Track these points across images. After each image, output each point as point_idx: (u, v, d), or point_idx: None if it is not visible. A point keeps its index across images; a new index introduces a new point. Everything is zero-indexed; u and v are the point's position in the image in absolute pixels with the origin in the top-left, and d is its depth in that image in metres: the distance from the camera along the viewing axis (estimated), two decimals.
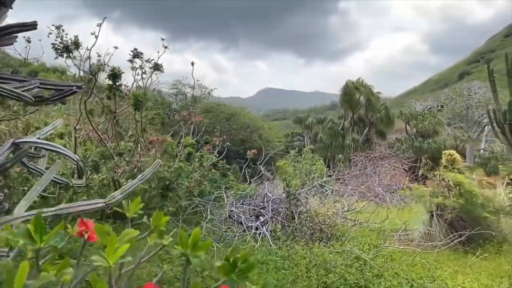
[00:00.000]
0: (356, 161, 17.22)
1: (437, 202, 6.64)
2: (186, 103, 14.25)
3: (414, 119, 24.76)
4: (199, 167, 9.10)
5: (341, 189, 9.44)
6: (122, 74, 7.32)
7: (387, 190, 12.77)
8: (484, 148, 34.23)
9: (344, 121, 23.60)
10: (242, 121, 27.50)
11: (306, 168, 14.16)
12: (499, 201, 6.84)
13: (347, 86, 22.97)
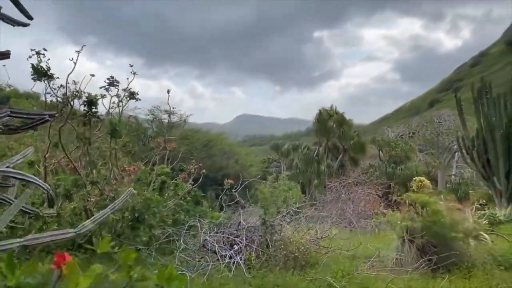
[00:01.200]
0: (330, 187, 17.41)
1: (406, 225, 6.78)
2: (162, 129, 14.27)
3: (387, 146, 25.38)
4: (173, 195, 9.05)
5: (316, 215, 9.51)
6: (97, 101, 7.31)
7: (361, 216, 12.94)
8: (455, 174, 35.14)
9: (318, 148, 23.96)
10: (219, 147, 27.56)
11: (282, 194, 14.23)
12: (468, 226, 7.04)
13: (321, 113, 23.45)
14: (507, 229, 9.17)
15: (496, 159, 15.14)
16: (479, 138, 15.94)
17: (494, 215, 10.39)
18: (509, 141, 14.98)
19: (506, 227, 9.51)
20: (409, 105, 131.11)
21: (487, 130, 15.54)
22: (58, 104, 7.49)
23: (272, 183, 15.44)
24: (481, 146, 15.79)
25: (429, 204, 6.45)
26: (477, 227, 7.45)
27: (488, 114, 15.63)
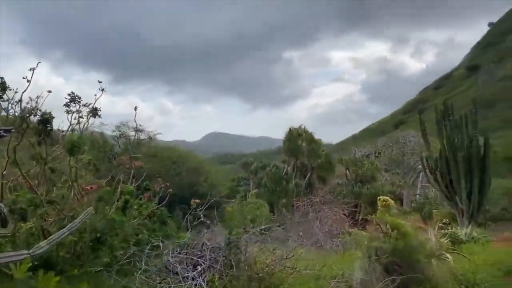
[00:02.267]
0: (298, 206, 17.43)
1: (375, 246, 6.80)
2: (128, 146, 13.99)
3: (354, 165, 25.78)
4: (137, 215, 8.81)
5: (283, 235, 9.46)
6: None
7: (328, 235, 12.97)
8: (420, 193, 35.95)
9: (287, 166, 24.10)
10: (188, 165, 27.22)
11: (251, 213, 14.15)
12: (431, 246, 7.14)
13: (290, 132, 23.66)
14: (468, 248, 9.39)
15: (458, 179, 15.55)
16: (442, 158, 16.37)
17: (456, 235, 10.62)
18: (470, 162, 15.45)
19: (467, 246, 9.74)
20: (376, 125, 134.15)
21: (450, 151, 15.98)
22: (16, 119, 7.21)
23: (240, 201, 15.34)
24: (444, 167, 16.20)
25: (400, 226, 6.50)
26: (440, 247, 7.57)
27: (451, 136, 16.10)
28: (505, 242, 13.37)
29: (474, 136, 15.81)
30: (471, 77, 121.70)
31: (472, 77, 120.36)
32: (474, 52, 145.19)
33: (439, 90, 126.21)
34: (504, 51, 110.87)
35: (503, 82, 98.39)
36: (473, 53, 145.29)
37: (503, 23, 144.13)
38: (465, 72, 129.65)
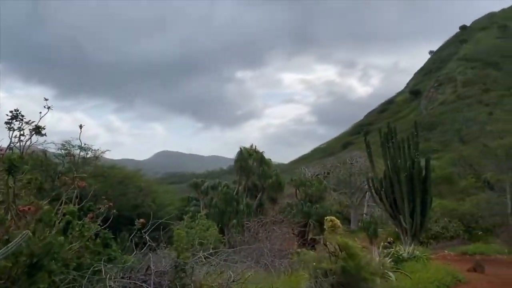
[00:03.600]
0: (249, 226, 17.39)
1: (322, 267, 6.87)
2: (71, 166, 13.39)
3: (303, 185, 26.18)
4: (79, 237, 8.38)
5: (232, 256, 9.34)
6: None
7: (278, 255, 12.98)
8: (366, 213, 37.03)
9: (238, 186, 24.07)
10: (135, 184, 26.44)
11: (199, 235, 13.91)
12: (375, 265, 7.33)
13: (241, 152, 23.72)
14: (409, 267, 9.71)
15: (401, 199, 16.17)
16: (387, 179, 16.97)
17: (398, 253, 10.98)
18: (412, 183, 16.13)
19: (409, 265, 10.07)
20: (325, 146, 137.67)
21: (393, 171, 16.61)
22: None
23: (189, 223, 15.06)
24: (388, 187, 16.80)
25: (348, 247, 6.62)
26: (383, 266, 7.79)
27: (394, 157, 16.74)
28: (445, 259, 14.02)
29: (416, 157, 16.55)
30: (414, 101, 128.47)
31: (415, 102, 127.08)
32: (417, 78, 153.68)
33: (383, 113, 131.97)
34: (443, 77, 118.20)
35: (442, 107, 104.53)
36: (416, 79, 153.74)
37: (442, 51, 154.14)
38: (408, 96, 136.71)
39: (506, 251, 15.58)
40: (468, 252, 15.74)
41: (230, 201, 22.38)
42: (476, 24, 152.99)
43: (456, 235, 20.30)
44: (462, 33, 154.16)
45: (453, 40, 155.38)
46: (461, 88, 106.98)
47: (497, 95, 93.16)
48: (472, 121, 43.81)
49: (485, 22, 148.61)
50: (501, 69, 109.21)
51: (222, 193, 22.88)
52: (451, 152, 36.98)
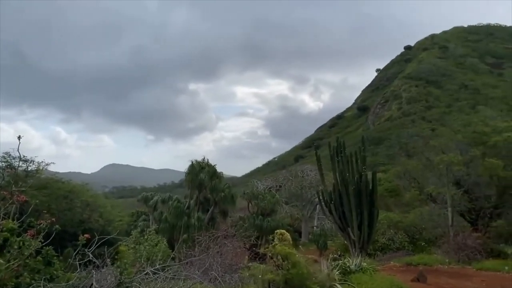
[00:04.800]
0: (200, 241, 17.09)
1: (268, 279, 6.89)
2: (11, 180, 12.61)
3: (256, 198, 26.22)
4: (18, 255, 7.89)
5: (181, 272, 9.14)
6: None
7: (229, 270, 12.84)
8: (317, 225, 37.63)
9: (189, 200, 23.72)
10: (81, 199, 25.33)
11: (148, 251, 13.54)
12: (322, 277, 7.44)
13: (192, 165, 23.44)
14: (357, 278, 9.92)
15: (350, 211, 16.56)
16: (336, 192, 17.34)
17: (346, 265, 11.21)
18: (360, 195, 16.59)
19: (356, 276, 10.29)
20: (278, 159, 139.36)
21: (342, 185, 17.02)
22: None
23: (137, 238, 14.61)
24: (338, 200, 17.17)
25: (290, 256, 6.70)
26: (330, 278, 7.92)
27: (343, 171, 17.17)
28: (391, 270, 14.46)
29: (363, 171, 17.07)
30: (362, 117, 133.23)
31: (362, 117, 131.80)
32: (364, 94, 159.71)
33: (333, 128, 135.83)
34: (389, 94, 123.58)
35: (388, 122, 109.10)
36: (363, 95, 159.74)
37: (388, 69, 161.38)
38: (356, 112, 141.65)
39: (447, 261, 16.31)
40: (412, 263, 16.33)
41: (181, 216, 21.95)
42: (419, 45, 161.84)
43: (401, 247, 21.02)
44: (407, 53, 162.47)
45: (398, 59, 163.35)
46: (406, 105, 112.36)
47: (439, 112, 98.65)
48: (416, 136, 46.04)
49: (428, 42, 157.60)
50: (442, 87, 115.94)
51: (172, 207, 22.41)
52: (397, 165, 38.46)
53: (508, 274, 13.37)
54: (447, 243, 18.06)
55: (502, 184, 25.55)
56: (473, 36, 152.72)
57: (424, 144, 31.39)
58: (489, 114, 66.51)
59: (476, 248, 16.30)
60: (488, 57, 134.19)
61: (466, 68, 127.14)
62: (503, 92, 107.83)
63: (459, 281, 11.86)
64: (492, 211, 26.08)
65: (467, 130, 30.31)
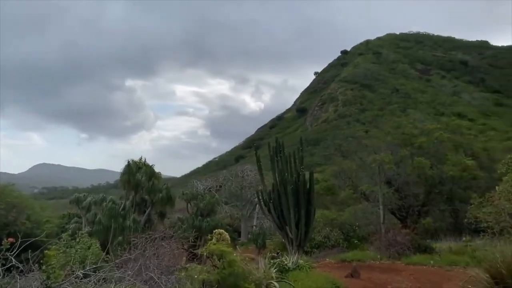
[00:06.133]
0: (136, 243, 16.57)
1: (202, 279, 6.80)
2: None
3: (195, 199, 25.93)
4: None
5: (114, 275, 8.77)
6: None
7: (166, 271, 12.53)
8: (256, 225, 37.96)
9: (125, 201, 22.91)
10: (6, 200, 23.64)
11: (80, 254, 12.87)
12: (259, 275, 7.46)
13: (129, 165, 22.66)
14: (293, 276, 10.08)
15: (288, 210, 16.81)
16: (275, 191, 17.53)
17: (283, 263, 11.36)
18: (298, 194, 16.90)
19: (293, 274, 10.45)
20: (218, 159, 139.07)
21: (281, 184, 17.24)
22: None
23: (68, 241, 13.83)
24: (276, 199, 17.37)
25: (225, 255, 6.65)
26: (267, 276, 7.96)
27: (282, 170, 17.39)
28: (326, 267, 14.88)
29: (301, 171, 17.43)
30: (300, 118, 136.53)
31: (301, 118, 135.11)
32: (303, 96, 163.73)
33: (273, 129, 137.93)
34: (326, 97, 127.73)
35: (325, 124, 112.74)
36: (302, 97, 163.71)
37: (326, 73, 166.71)
38: (296, 113, 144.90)
39: (378, 257, 17.04)
40: (347, 259, 16.88)
41: (116, 217, 21.11)
42: (355, 50, 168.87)
43: (336, 244, 21.68)
44: (343, 57, 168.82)
45: (335, 63, 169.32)
46: (342, 107, 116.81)
47: (372, 115, 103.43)
48: (350, 138, 47.94)
49: (363, 48, 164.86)
50: (375, 91, 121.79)
51: (106, 209, 21.49)
52: (333, 165, 39.75)
53: (433, 267, 14.22)
54: (378, 239, 18.87)
55: (429, 183, 27.27)
56: (404, 43, 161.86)
57: (358, 145, 32.71)
58: (417, 117, 70.73)
59: (405, 244, 17.16)
60: (417, 63, 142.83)
61: (398, 73, 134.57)
62: (430, 97, 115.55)
63: (390, 276, 12.43)
64: (420, 208, 27.76)
65: (398, 131, 31.95)
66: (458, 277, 10.38)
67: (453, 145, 29.33)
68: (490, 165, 27.42)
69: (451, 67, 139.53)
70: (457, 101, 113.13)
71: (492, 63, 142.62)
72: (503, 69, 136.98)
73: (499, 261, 5.50)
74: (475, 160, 28.03)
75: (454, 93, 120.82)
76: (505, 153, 22.73)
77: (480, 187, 24.72)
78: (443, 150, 28.26)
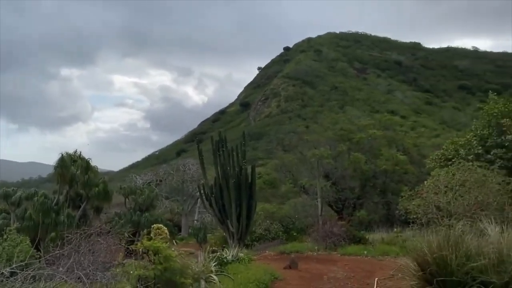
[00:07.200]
0: (70, 239, 15.87)
1: (138, 274, 6.68)
2: None
3: (133, 194, 25.30)
4: None
5: (47, 271, 8.35)
6: None
7: (101, 268, 12.12)
8: (197, 219, 37.75)
9: (59, 196, 21.79)
10: None
11: (7, 251, 12.14)
12: (198, 269, 7.43)
13: (63, 158, 21.56)
14: (233, 269, 10.15)
15: (230, 204, 16.89)
16: (217, 185, 17.55)
17: (223, 256, 11.41)
18: (240, 188, 17.03)
19: (233, 267, 10.53)
20: (159, 153, 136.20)
21: (223, 178, 17.29)
22: None
23: None
24: (218, 193, 17.40)
25: (161, 250, 6.55)
26: (207, 270, 7.95)
27: (224, 164, 17.44)
28: (266, 259, 15.11)
29: (243, 165, 17.57)
30: (244, 112, 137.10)
31: (244, 113, 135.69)
32: (247, 91, 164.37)
33: (216, 123, 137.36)
34: (269, 92, 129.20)
35: (268, 119, 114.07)
36: (246, 92, 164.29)
37: (269, 68, 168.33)
38: (239, 108, 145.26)
39: (316, 248, 17.58)
40: (286, 251, 17.24)
41: (48, 213, 19.98)
42: (297, 47, 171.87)
43: (276, 236, 22.07)
44: (286, 54, 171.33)
45: (278, 59, 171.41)
46: (284, 103, 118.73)
47: (313, 111, 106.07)
48: (292, 133, 48.99)
49: (304, 45, 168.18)
50: (315, 88, 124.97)
51: (38, 204, 20.31)
52: (275, 159, 40.40)
53: (367, 257, 14.91)
54: (316, 231, 19.43)
55: (364, 176, 28.55)
56: (344, 42, 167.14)
57: (298, 139, 33.48)
58: (354, 114, 73.52)
59: (341, 235, 17.81)
60: (355, 62, 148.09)
61: (337, 71, 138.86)
62: (366, 95, 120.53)
63: (326, 266, 12.87)
64: (355, 201, 29.02)
65: (336, 127, 33.08)
66: (390, 266, 10.94)
67: (387, 141, 30.94)
68: (420, 160, 29.16)
69: (386, 67, 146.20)
70: (391, 99, 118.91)
71: (423, 64, 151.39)
72: (434, 70, 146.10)
73: (426, 250, 5.85)
74: (406, 155, 29.72)
75: (389, 91, 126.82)
76: (434, 149, 24.33)
77: (410, 181, 26.26)
78: (377, 146, 29.70)
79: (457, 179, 13.30)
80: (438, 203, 12.75)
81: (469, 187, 12.73)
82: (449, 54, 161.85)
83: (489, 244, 5.68)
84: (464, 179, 13.14)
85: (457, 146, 18.53)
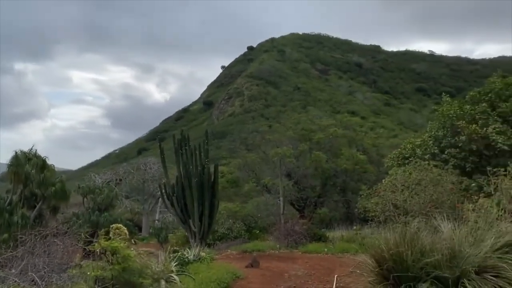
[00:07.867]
0: (24, 240, 15.25)
1: (95, 275, 6.54)
2: None
3: (92, 193, 24.65)
4: None
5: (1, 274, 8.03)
6: None
7: (57, 269, 11.74)
8: (158, 219, 37.19)
9: (12, 196, 20.88)
10: None
11: None
12: (157, 270, 7.34)
13: (17, 156, 20.68)
14: (194, 268, 10.10)
15: (192, 203, 16.76)
16: (179, 184, 17.37)
17: (185, 256, 11.33)
18: (202, 187, 16.93)
19: (194, 266, 10.47)
20: (119, 152, 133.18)
21: (185, 177, 17.12)
22: None
23: None
24: (180, 192, 17.22)
25: (119, 250, 6.44)
26: (167, 269, 7.87)
27: (186, 163, 17.28)
28: (228, 258, 15.11)
29: (206, 164, 17.48)
30: (207, 111, 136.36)
31: (208, 112, 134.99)
32: (210, 90, 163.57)
33: (179, 121, 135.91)
34: (233, 91, 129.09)
35: (231, 118, 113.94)
36: (209, 90, 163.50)
37: (232, 67, 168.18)
38: (202, 106, 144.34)
39: (277, 246, 17.74)
40: (248, 250, 17.28)
41: (1, 213, 19.14)
42: (261, 46, 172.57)
43: (239, 235, 22.11)
44: (249, 53, 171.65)
45: (242, 58, 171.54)
46: (247, 102, 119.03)
47: (275, 110, 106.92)
48: (255, 132, 49.14)
49: (268, 45, 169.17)
50: (279, 88, 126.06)
51: None
52: (238, 158, 40.41)
53: (327, 255, 15.19)
54: (278, 230, 19.62)
55: (325, 175, 29.09)
56: (306, 43, 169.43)
57: (261, 139, 33.66)
58: (316, 114, 74.63)
59: (302, 233, 18.08)
60: (318, 63, 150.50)
61: (300, 72, 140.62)
62: (328, 95, 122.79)
63: (287, 264, 13.02)
64: (316, 200, 29.51)
65: (298, 127, 33.49)
66: (349, 263, 11.18)
67: (347, 141, 31.65)
68: (378, 160, 30.03)
69: (347, 68, 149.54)
70: (352, 100, 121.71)
71: (383, 66, 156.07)
72: (393, 72, 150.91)
73: (383, 247, 6.02)
74: (366, 155, 30.52)
75: (350, 92, 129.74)
76: (392, 150, 25.08)
77: (369, 180, 26.97)
78: (338, 145, 30.34)
79: (413, 178, 13.79)
80: (395, 201, 13.16)
81: (424, 185, 13.22)
82: (407, 57, 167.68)
83: (442, 241, 5.91)
84: (420, 178, 13.65)
85: (414, 146, 19.21)
